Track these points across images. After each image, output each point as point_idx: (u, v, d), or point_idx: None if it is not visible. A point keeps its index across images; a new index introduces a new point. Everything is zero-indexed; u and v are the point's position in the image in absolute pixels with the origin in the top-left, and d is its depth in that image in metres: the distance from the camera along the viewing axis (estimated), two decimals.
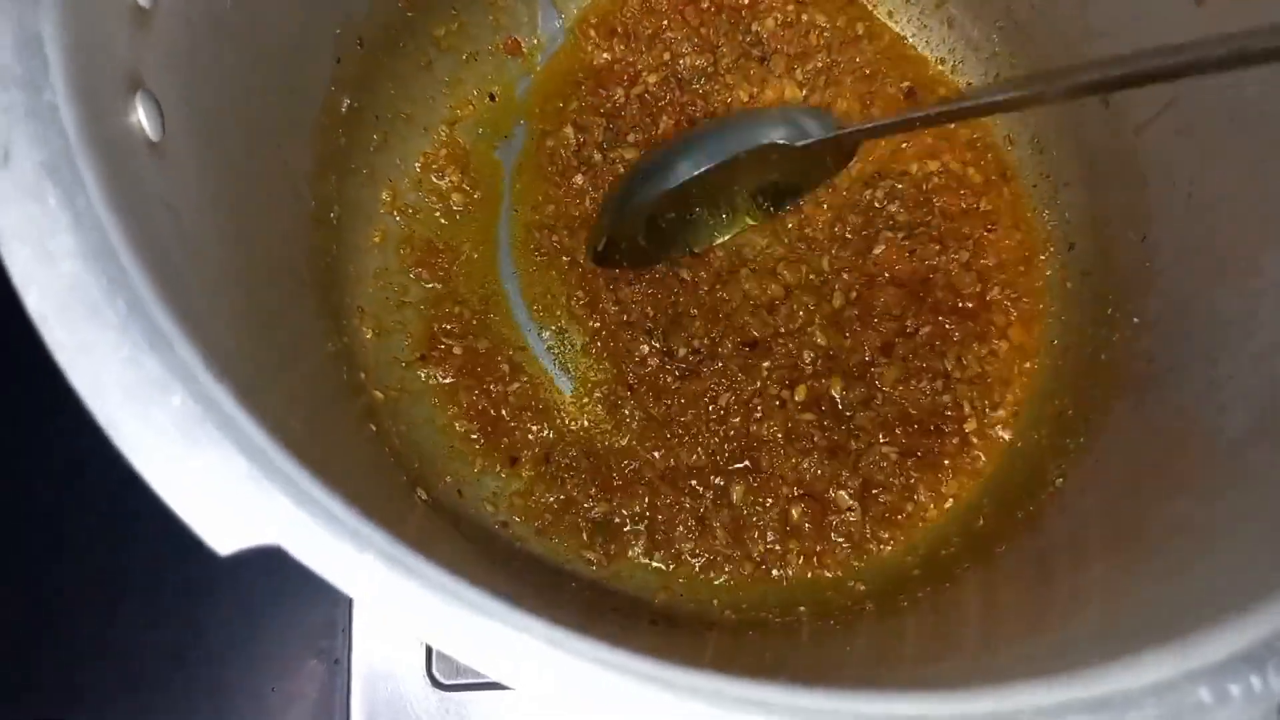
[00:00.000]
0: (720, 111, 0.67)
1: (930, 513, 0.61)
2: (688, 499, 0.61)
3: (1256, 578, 0.31)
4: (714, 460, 0.62)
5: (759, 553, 0.60)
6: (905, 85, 0.67)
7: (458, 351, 0.63)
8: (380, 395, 0.59)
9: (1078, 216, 0.63)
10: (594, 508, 0.61)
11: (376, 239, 0.63)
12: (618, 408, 0.63)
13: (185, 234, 0.37)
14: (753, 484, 0.61)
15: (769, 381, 0.62)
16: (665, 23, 0.68)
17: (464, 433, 0.62)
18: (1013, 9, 0.63)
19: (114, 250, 0.29)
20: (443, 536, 0.54)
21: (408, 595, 0.27)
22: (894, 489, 0.61)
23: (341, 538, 0.27)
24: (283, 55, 0.52)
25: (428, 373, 0.63)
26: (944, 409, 0.62)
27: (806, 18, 0.68)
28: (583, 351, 0.65)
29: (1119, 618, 0.37)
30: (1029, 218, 0.65)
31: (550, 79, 0.69)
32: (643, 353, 0.63)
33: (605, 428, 0.63)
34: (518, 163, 0.68)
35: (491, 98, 0.68)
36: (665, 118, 0.67)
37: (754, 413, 0.62)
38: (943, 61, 0.68)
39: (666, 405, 0.63)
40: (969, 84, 0.68)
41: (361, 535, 0.28)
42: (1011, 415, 0.62)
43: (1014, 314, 0.64)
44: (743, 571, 0.60)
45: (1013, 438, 0.62)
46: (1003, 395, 0.63)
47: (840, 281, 0.64)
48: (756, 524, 0.61)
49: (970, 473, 0.61)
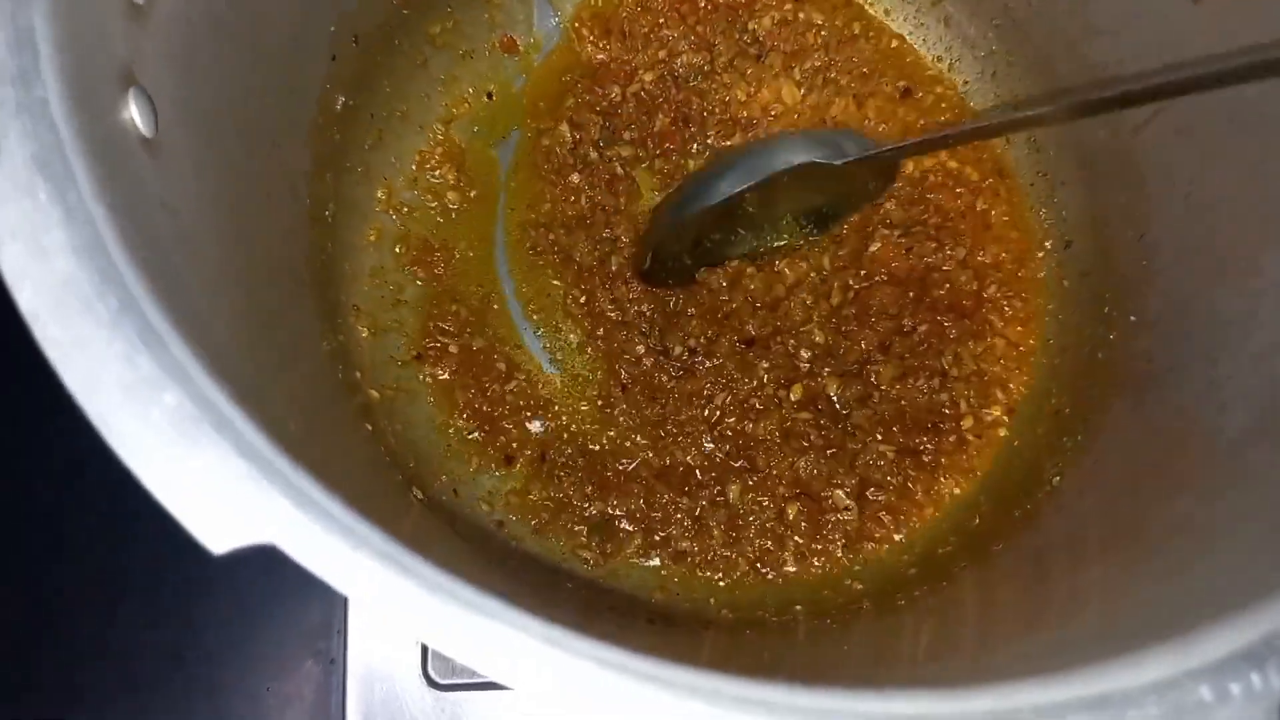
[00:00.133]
0: (717, 110, 0.67)
1: (927, 511, 0.61)
2: (684, 498, 0.61)
3: (1256, 577, 0.31)
4: (710, 459, 0.62)
5: (755, 551, 0.60)
6: (901, 84, 0.67)
7: (453, 350, 0.63)
8: (376, 394, 0.59)
9: (1075, 215, 0.63)
10: (590, 507, 0.61)
11: (372, 237, 0.63)
12: (613, 407, 0.63)
13: (181, 231, 0.37)
14: (749, 483, 0.61)
15: (766, 380, 0.62)
16: (662, 21, 0.68)
17: (460, 431, 0.62)
18: (1010, 7, 0.63)
19: (105, 246, 0.29)
20: (438, 536, 0.54)
21: (404, 594, 0.27)
22: (891, 488, 0.61)
23: (337, 537, 0.27)
24: (278, 52, 0.52)
25: (423, 371, 0.63)
26: (941, 407, 0.62)
27: (803, 16, 0.68)
28: (579, 350, 0.64)
29: (1118, 616, 0.37)
30: (1026, 216, 0.65)
31: (546, 77, 0.69)
32: (638, 352, 0.63)
33: (601, 427, 0.63)
34: (513, 161, 0.68)
35: (489, 96, 0.68)
36: (661, 115, 0.67)
37: (750, 412, 0.62)
38: (939, 59, 0.68)
39: (661, 404, 0.63)
40: (965, 82, 0.68)
41: (357, 535, 0.27)
42: (1008, 414, 0.62)
43: (1011, 312, 0.64)
44: (739, 570, 0.60)
45: (1010, 436, 0.62)
46: (1000, 394, 0.63)
47: (838, 279, 0.64)
48: (753, 523, 0.61)
49: (967, 471, 0.61)
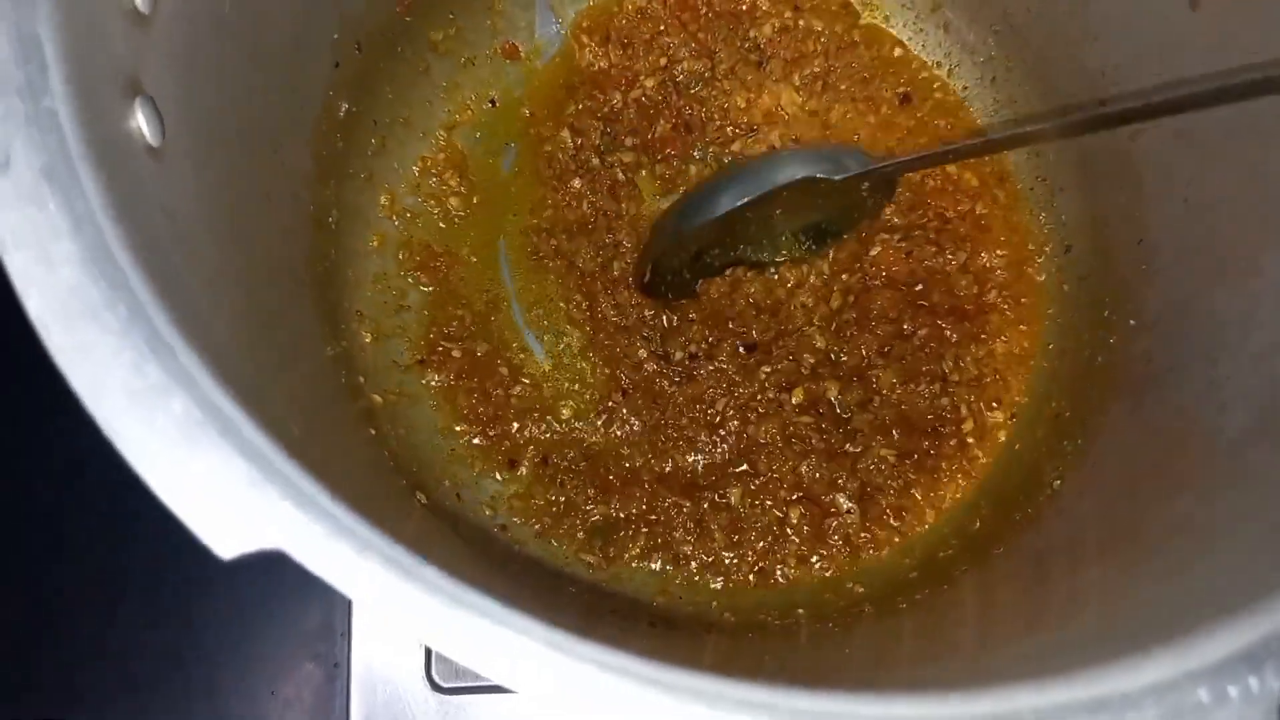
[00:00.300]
0: (717, 116, 0.67)
1: (928, 515, 0.61)
2: (686, 502, 0.61)
3: (1256, 578, 0.31)
4: (712, 463, 0.62)
5: (757, 555, 0.60)
6: (901, 90, 0.68)
7: (457, 355, 0.63)
8: (379, 399, 0.59)
9: (1074, 219, 0.63)
10: (593, 510, 0.61)
11: (375, 243, 0.64)
12: (614, 411, 0.63)
13: (184, 237, 0.37)
14: (751, 487, 0.61)
15: (767, 384, 0.62)
16: (663, 28, 0.68)
17: (463, 436, 0.63)
18: (1009, 13, 0.63)
19: (113, 255, 0.29)
20: (442, 540, 0.54)
21: (408, 598, 0.27)
22: (892, 491, 0.61)
23: (343, 541, 0.27)
24: (281, 60, 0.52)
25: (427, 376, 0.63)
26: (941, 411, 0.62)
27: (803, 23, 0.68)
28: (581, 355, 0.65)
29: (1117, 618, 0.37)
30: (1025, 220, 0.65)
31: (548, 83, 0.69)
32: (640, 357, 0.63)
33: (603, 431, 0.63)
34: (515, 167, 0.68)
35: (492, 103, 0.68)
36: (663, 121, 0.67)
37: (752, 415, 0.62)
38: (939, 65, 0.68)
39: (663, 409, 0.63)
40: (965, 88, 0.68)
41: (362, 539, 0.28)
42: (1009, 417, 0.62)
43: (1011, 316, 0.64)
44: (741, 574, 0.60)
45: (1010, 440, 0.62)
46: (1000, 397, 0.63)
47: (838, 283, 0.64)
48: (755, 526, 0.61)
49: (968, 475, 0.62)
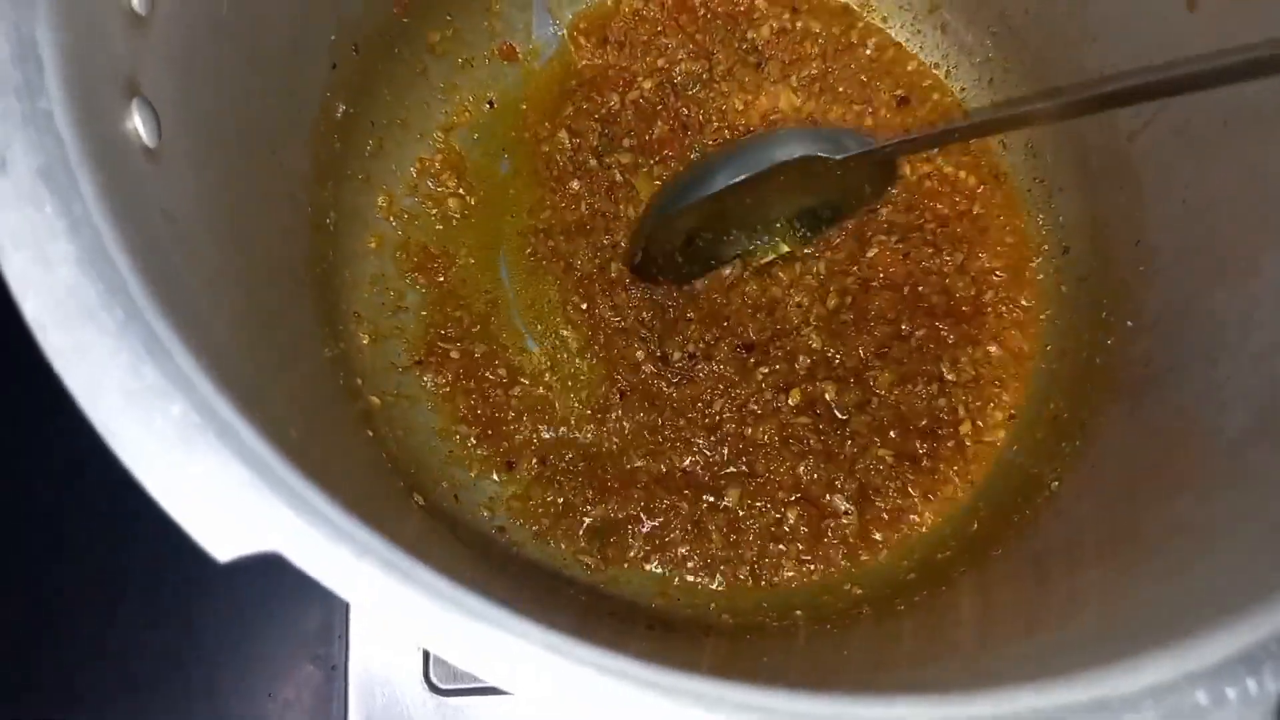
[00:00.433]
0: (715, 117, 0.67)
1: (926, 516, 0.61)
2: (684, 503, 0.61)
3: (1255, 578, 0.31)
4: (709, 464, 0.62)
5: (755, 557, 0.60)
6: (899, 92, 0.68)
7: (455, 356, 0.63)
8: (377, 401, 0.59)
9: (1072, 220, 0.63)
10: (591, 511, 0.61)
11: (373, 244, 0.63)
12: (612, 412, 0.63)
13: (182, 238, 0.37)
14: (749, 488, 0.61)
15: (764, 385, 0.62)
16: (660, 29, 0.68)
17: (461, 437, 0.63)
18: (1007, 14, 0.63)
19: (110, 256, 0.29)
20: (439, 542, 0.54)
21: (406, 601, 0.27)
22: (890, 493, 0.61)
23: (341, 545, 0.27)
24: (279, 62, 0.52)
25: (425, 378, 0.63)
26: (939, 413, 0.62)
27: (801, 25, 0.68)
28: (579, 355, 0.65)
29: (1116, 620, 0.37)
30: (1023, 221, 0.65)
31: (546, 85, 0.69)
32: (637, 358, 0.63)
33: (601, 432, 0.63)
34: (513, 168, 0.68)
35: (490, 104, 0.68)
36: (660, 123, 0.67)
37: (749, 417, 0.62)
38: (937, 66, 0.68)
39: (660, 410, 0.63)
40: (963, 89, 0.68)
41: (360, 541, 0.28)
42: (1007, 419, 0.62)
43: (1008, 318, 0.64)
44: (739, 575, 0.60)
45: (1008, 441, 0.62)
46: (998, 399, 0.63)
47: (835, 283, 0.64)
48: (753, 528, 0.61)
49: (966, 476, 0.62)
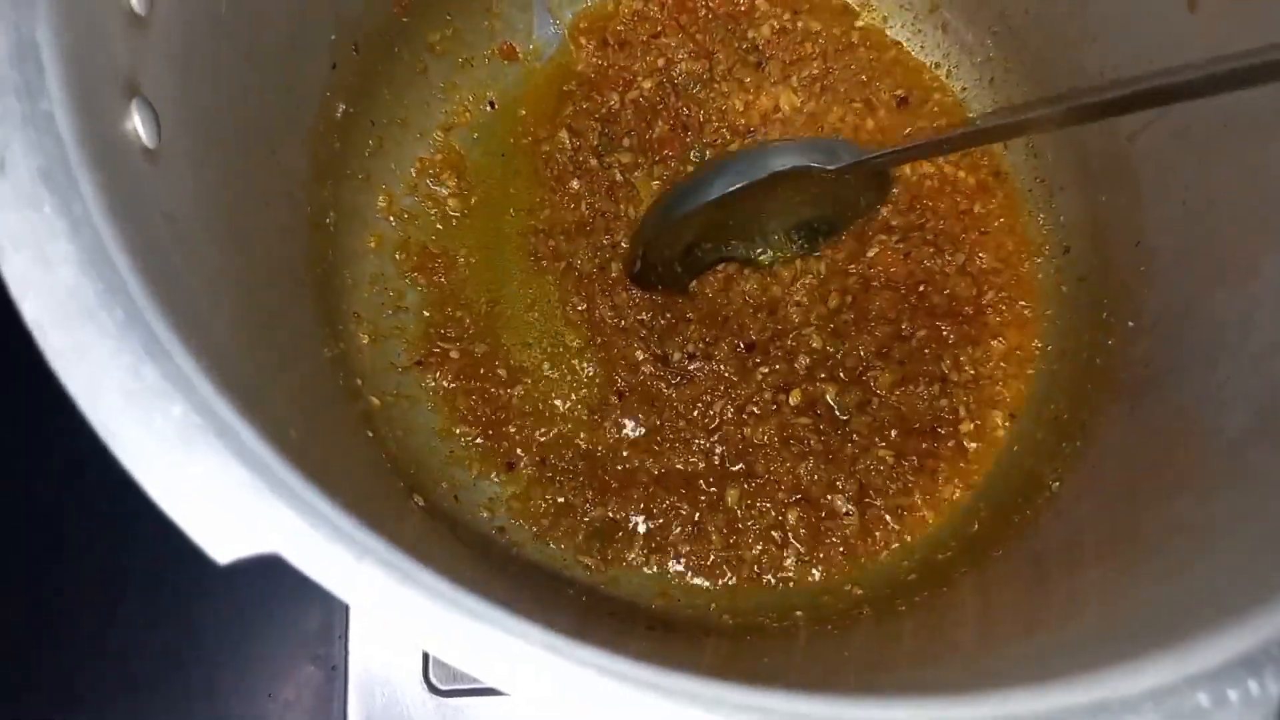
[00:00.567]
0: (715, 117, 0.67)
1: (927, 517, 0.61)
2: (684, 503, 0.61)
3: (1256, 578, 0.31)
4: (709, 464, 0.62)
5: (755, 557, 0.60)
6: (899, 92, 0.68)
7: (454, 356, 0.63)
8: (376, 401, 0.59)
9: (1073, 220, 0.63)
10: (591, 512, 0.61)
11: (372, 244, 0.63)
12: (612, 413, 0.63)
13: (182, 238, 0.37)
14: (748, 488, 0.61)
15: (764, 385, 0.62)
16: (660, 29, 0.68)
17: (461, 438, 0.62)
18: (1007, 14, 0.63)
19: (110, 257, 0.29)
20: (439, 542, 0.54)
21: (406, 602, 0.27)
22: (890, 493, 0.61)
23: (341, 546, 0.27)
24: (278, 61, 0.52)
25: (425, 378, 0.63)
26: (940, 413, 0.62)
27: (802, 25, 0.68)
28: (579, 356, 0.65)
29: (1117, 621, 0.37)
30: (1023, 221, 0.65)
31: (546, 84, 0.69)
32: (637, 358, 0.63)
33: (601, 433, 0.63)
34: (513, 168, 0.68)
35: (491, 105, 0.68)
36: (660, 123, 0.67)
37: (749, 417, 0.62)
38: (937, 66, 0.68)
39: (659, 411, 0.63)
40: (963, 89, 0.68)
41: (360, 543, 0.28)
42: (1007, 419, 0.62)
43: (1009, 318, 0.64)
44: (739, 576, 0.60)
45: (1009, 441, 0.62)
46: (998, 399, 0.63)
47: (835, 283, 0.64)
48: (753, 528, 0.61)
49: (966, 477, 0.62)
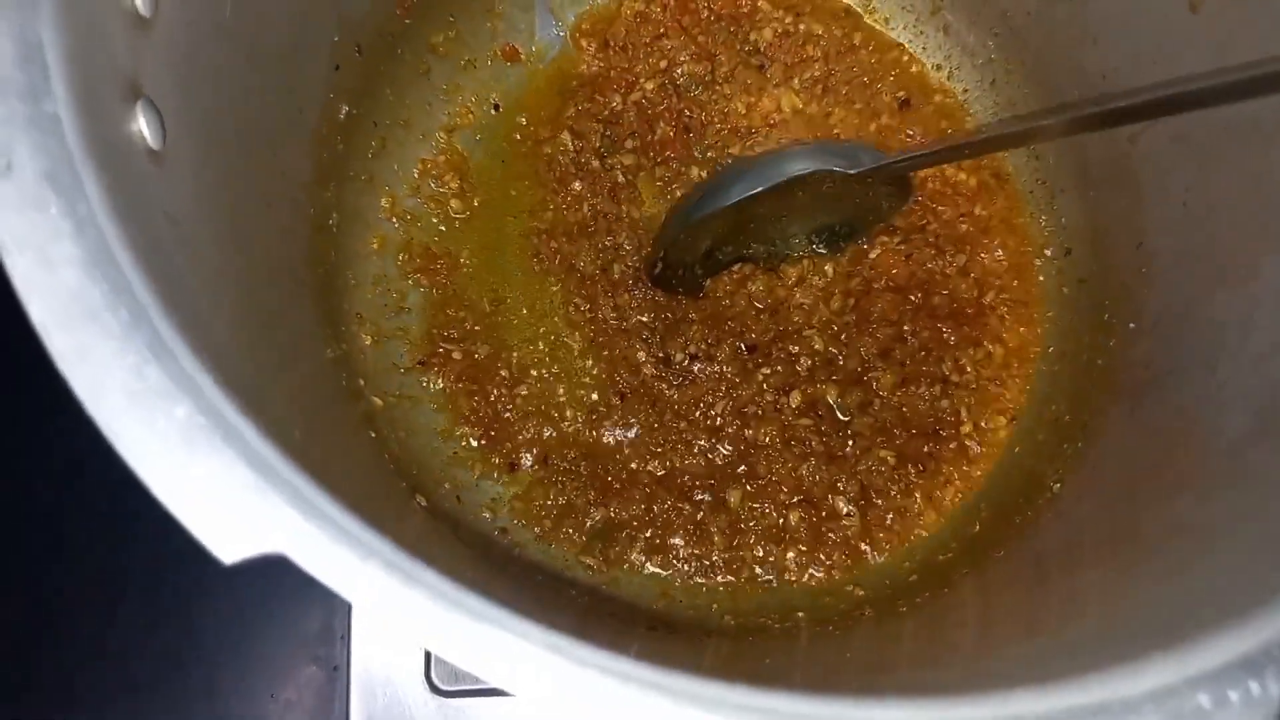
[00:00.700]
0: (717, 119, 0.67)
1: (928, 518, 0.61)
2: (685, 504, 0.61)
3: (1256, 579, 0.31)
4: (711, 465, 0.62)
5: (757, 558, 0.60)
6: (901, 94, 0.68)
7: (457, 357, 0.63)
8: (379, 402, 0.59)
9: (1074, 222, 0.63)
10: (592, 513, 0.61)
11: (375, 245, 0.64)
12: (614, 414, 0.63)
13: (185, 239, 0.37)
14: (749, 490, 0.61)
15: (765, 386, 0.62)
16: (662, 31, 0.68)
17: (463, 438, 0.63)
18: (1009, 15, 0.63)
19: (115, 258, 0.29)
20: (441, 543, 0.54)
21: (409, 602, 0.27)
22: (892, 494, 0.61)
23: (344, 547, 0.27)
24: (281, 63, 0.52)
25: (427, 379, 0.63)
26: (941, 414, 0.62)
27: (804, 27, 0.68)
28: (581, 357, 0.65)
29: (1117, 621, 0.37)
30: (1025, 223, 0.66)
31: (548, 86, 0.69)
32: (639, 359, 0.64)
33: (603, 434, 0.63)
34: (516, 169, 0.68)
35: (496, 108, 0.68)
36: (663, 124, 0.67)
37: (750, 418, 0.62)
38: (939, 68, 0.69)
39: (661, 412, 0.63)
40: (965, 90, 0.68)
41: (363, 543, 0.28)
42: (1009, 421, 0.62)
43: (1011, 319, 0.64)
44: (741, 577, 0.60)
45: (1010, 443, 0.62)
46: (999, 400, 0.63)
47: (838, 285, 0.65)
48: (754, 529, 0.61)
49: (967, 478, 0.62)
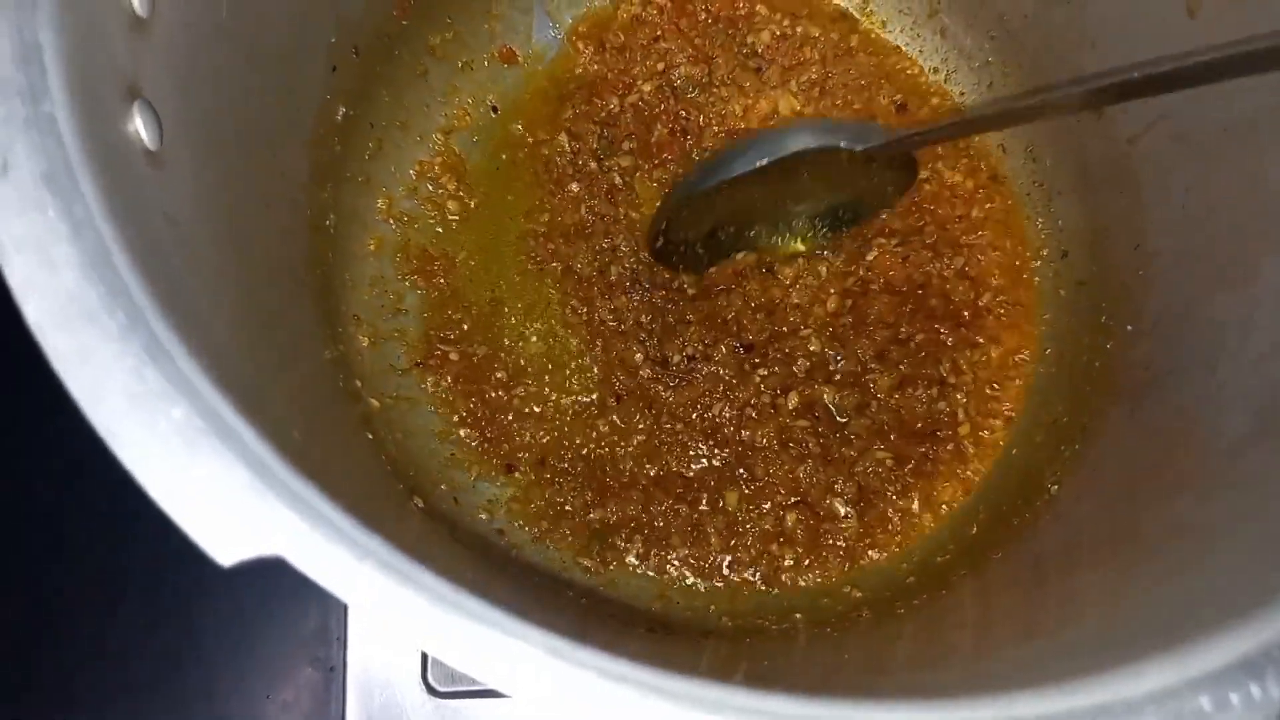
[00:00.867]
0: (715, 121, 0.67)
1: (926, 519, 0.61)
2: (683, 506, 0.61)
3: (1256, 579, 0.31)
4: (708, 466, 0.62)
5: (754, 560, 0.60)
6: (898, 97, 0.68)
7: (454, 358, 0.63)
8: (376, 403, 0.59)
9: (1072, 224, 0.63)
10: (590, 514, 0.61)
11: (372, 246, 0.64)
12: (611, 415, 0.63)
13: (183, 241, 0.37)
14: (747, 491, 0.61)
15: (762, 388, 0.62)
16: (660, 34, 0.68)
17: (460, 440, 0.63)
18: (1005, 18, 0.63)
19: (112, 260, 0.29)
20: (439, 544, 0.54)
21: (406, 603, 0.27)
22: (889, 496, 0.61)
23: (342, 547, 0.27)
24: (279, 64, 0.52)
25: (424, 380, 0.63)
26: (939, 416, 0.62)
27: (801, 30, 0.68)
28: (578, 358, 0.65)
29: (1117, 623, 0.37)
30: (1022, 225, 0.66)
31: (545, 88, 0.69)
32: (636, 361, 0.63)
33: (600, 435, 0.63)
34: (513, 171, 0.68)
35: (495, 111, 0.68)
36: (660, 126, 0.67)
37: (747, 419, 0.62)
38: (936, 71, 0.69)
39: (658, 414, 0.63)
40: (962, 93, 0.68)
41: (361, 545, 0.28)
42: (1006, 422, 0.62)
43: (1008, 321, 0.64)
44: (738, 578, 0.60)
45: (1007, 444, 0.62)
46: (997, 402, 0.63)
47: (835, 286, 0.65)
48: (752, 530, 0.61)
49: (965, 480, 0.62)
